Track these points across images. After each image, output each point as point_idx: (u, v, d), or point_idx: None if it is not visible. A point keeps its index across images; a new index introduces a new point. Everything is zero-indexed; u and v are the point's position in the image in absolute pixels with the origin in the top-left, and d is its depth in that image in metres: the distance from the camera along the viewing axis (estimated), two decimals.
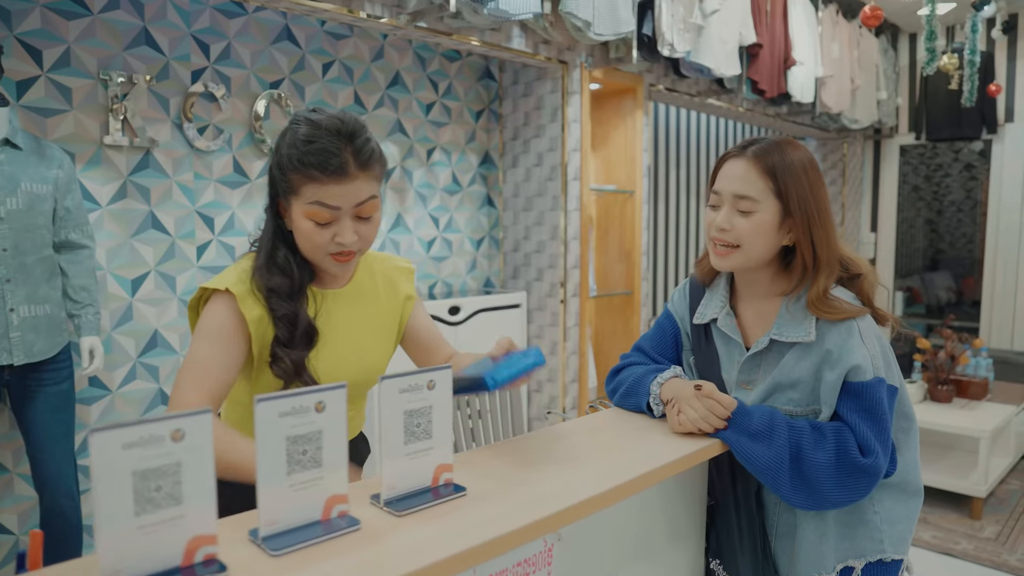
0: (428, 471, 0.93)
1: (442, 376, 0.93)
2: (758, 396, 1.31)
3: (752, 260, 1.29)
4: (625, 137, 3.85)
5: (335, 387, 0.83)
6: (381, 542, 0.82)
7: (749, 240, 1.27)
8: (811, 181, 1.27)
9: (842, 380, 1.23)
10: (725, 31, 3.70)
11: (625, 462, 1.10)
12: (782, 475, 1.18)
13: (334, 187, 1.12)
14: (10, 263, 2.08)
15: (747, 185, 1.26)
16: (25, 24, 2.33)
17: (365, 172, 1.15)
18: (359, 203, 1.15)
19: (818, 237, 1.26)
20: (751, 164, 1.27)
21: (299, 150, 1.12)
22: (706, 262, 1.43)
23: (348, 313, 1.29)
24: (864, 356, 1.22)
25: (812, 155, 1.31)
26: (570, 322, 3.56)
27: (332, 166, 1.11)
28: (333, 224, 1.15)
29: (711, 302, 1.41)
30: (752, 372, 1.33)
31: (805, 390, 1.28)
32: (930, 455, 3.86)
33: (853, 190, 5.93)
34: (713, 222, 1.31)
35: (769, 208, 1.26)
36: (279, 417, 0.79)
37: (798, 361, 1.27)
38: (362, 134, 1.15)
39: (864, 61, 5.13)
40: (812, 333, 1.25)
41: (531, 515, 0.91)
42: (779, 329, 1.29)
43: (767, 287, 1.35)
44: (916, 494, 1.35)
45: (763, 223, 1.26)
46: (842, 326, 1.24)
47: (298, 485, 0.82)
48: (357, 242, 1.17)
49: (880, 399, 1.22)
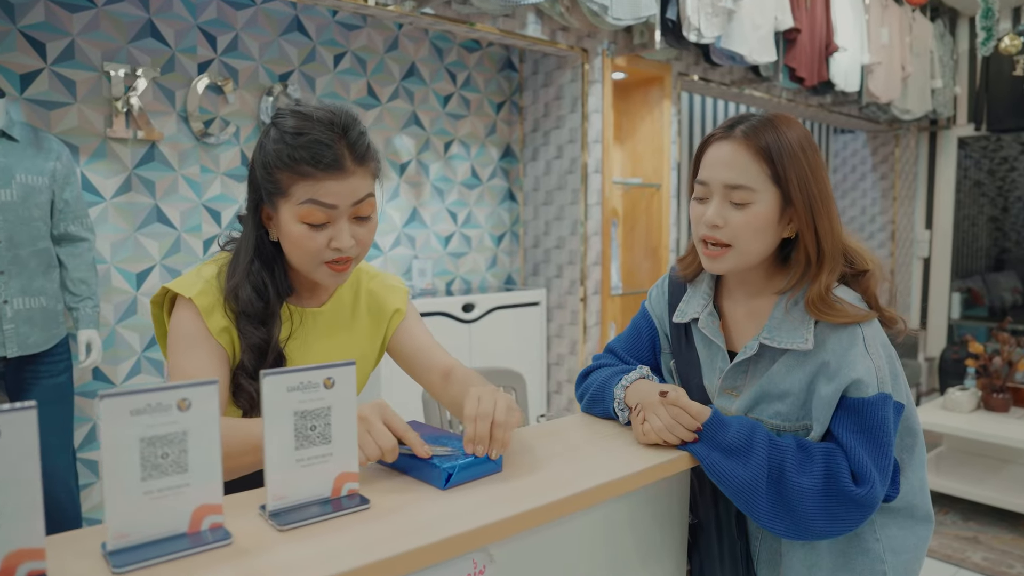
0: (327, 480, 0.83)
1: (343, 374, 0.83)
2: (743, 404, 1.16)
3: (749, 259, 1.12)
4: (652, 128, 3.69)
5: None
6: (240, 560, 0.72)
7: (745, 237, 1.10)
8: (811, 162, 1.10)
9: (839, 395, 1.06)
10: (758, 15, 3.50)
11: (569, 475, 0.98)
12: (758, 498, 1.03)
13: (330, 183, 1.01)
14: (4, 255, 2.08)
15: (739, 172, 1.09)
16: (29, 17, 2.33)
17: (362, 167, 1.04)
18: (357, 201, 1.04)
19: (822, 226, 1.09)
20: (741, 146, 1.09)
21: (288, 144, 1.01)
22: (689, 259, 1.27)
23: (324, 339, 1.19)
24: (867, 369, 1.06)
25: (807, 130, 1.13)
26: (590, 321, 3.42)
27: (327, 159, 1.00)
28: (329, 227, 1.04)
29: (693, 299, 1.25)
30: (738, 378, 1.18)
31: (795, 403, 1.11)
32: (983, 469, 3.58)
33: (906, 185, 5.60)
34: (702, 217, 1.13)
35: (767, 197, 1.09)
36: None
37: (790, 370, 1.11)
38: (357, 126, 1.05)
39: (917, 47, 4.82)
40: (810, 340, 1.08)
41: (441, 531, 0.80)
42: (771, 333, 1.12)
43: (760, 284, 1.18)
44: (925, 520, 1.17)
45: (761, 215, 1.09)
46: (844, 333, 1.08)
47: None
48: (355, 247, 1.06)
49: (883, 418, 1.05)
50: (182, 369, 1.05)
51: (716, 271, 1.16)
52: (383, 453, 0.90)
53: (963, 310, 6.17)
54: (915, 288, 5.75)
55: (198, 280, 1.09)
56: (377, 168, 1.10)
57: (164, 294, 1.12)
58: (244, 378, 1.08)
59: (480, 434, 0.93)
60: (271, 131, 1.05)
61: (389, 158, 3.27)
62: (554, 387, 3.56)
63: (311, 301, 1.19)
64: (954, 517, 3.38)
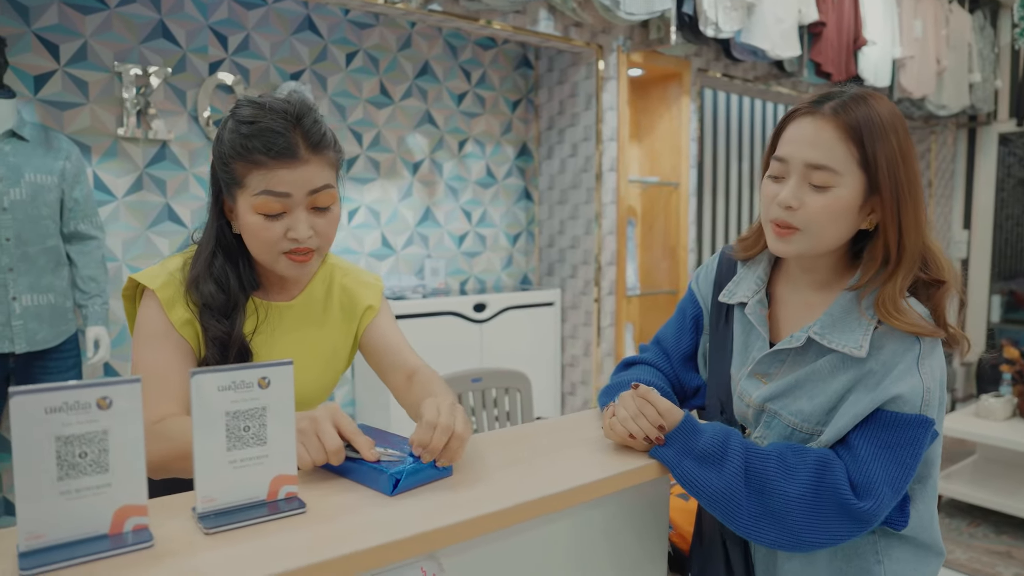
0: (262, 483, 0.81)
1: (280, 374, 0.80)
2: (769, 393, 1.07)
3: (820, 246, 1.02)
4: (670, 126, 3.62)
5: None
6: (157, 563, 0.70)
7: (820, 222, 1.00)
8: (902, 146, 0.99)
9: (873, 407, 0.97)
10: (781, 9, 3.40)
11: (526, 481, 0.94)
12: (736, 507, 0.96)
13: (283, 172, 1.00)
14: (13, 252, 2.12)
15: (824, 152, 0.98)
16: (43, 19, 2.37)
17: (317, 156, 1.03)
18: (312, 190, 1.03)
19: (907, 220, 0.99)
20: (829, 124, 0.98)
21: (242, 134, 1.00)
22: (751, 241, 1.17)
23: (292, 333, 1.17)
24: (914, 387, 0.96)
25: (900, 111, 1.02)
26: (605, 322, 3.36)
27: (279, 147, 0.99)
28: (285, 216, 1.03)
29: (744, 280, 1.15)
30: (774, 365, 1.09)
31: (822, 407, 1.02)
32: (1018, 480, 3.42)
33: (943, 183, 5.40)
34: (776, 197, 1.03)
35: (851, 182, 0.99)
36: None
37: (834, 371, 1.02)
38: (311, 115, 1.04)
39: (954, 40, 4.64)
40: (864, 347, 0.98)
41: (382, 536, 0.77)
42: (823, 329, 1.02)
43: (825, 276, 1.08)
44: (936, 553, 1.08)
45: (842, 201, 0.99)
46: (901, 345, 0.98)
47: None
48: (314, 238, 1.05)
49: (914, 440, 0.96)
50: (144, 364, 1.04)
51: (783, 254, 1.05)
52: (328, 455, 0.87)
53: (1004, 313, 5.93)
54: None
55: (162, 272, 1.09)
56: (337, 159, 1.08)
57: (134, 286, 1.12)
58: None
59: (435, 445, 0.90)
60: (228, 122, 1.04)
61: (402, 157, 3.26)
62: (568, 388, 3.51)
63: (280, 295, 1.17)
64: (986, 530, 3.24)
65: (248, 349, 1.10)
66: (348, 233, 3.11)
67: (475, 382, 2.36)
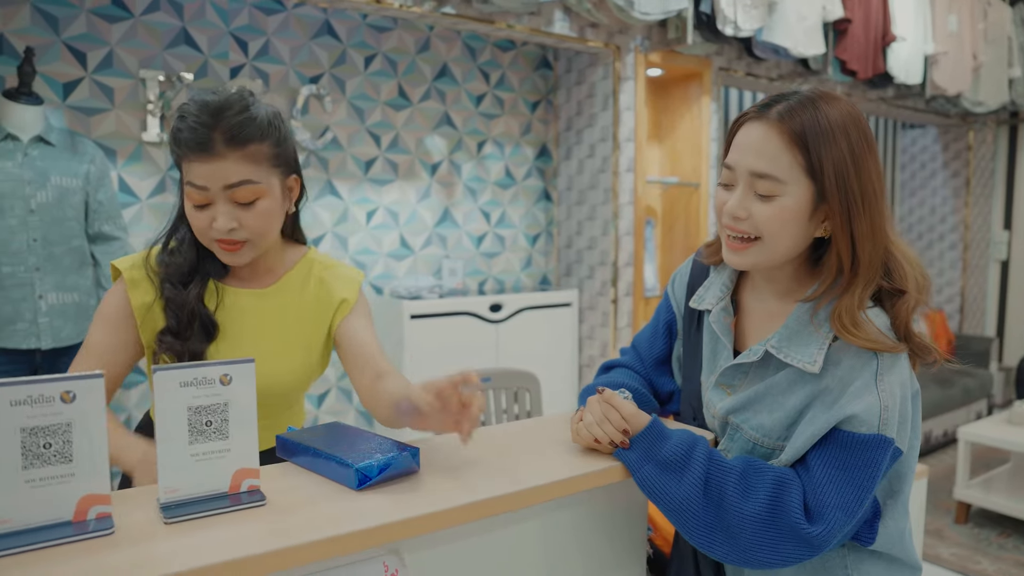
0: (224, 476, 0.84)
1: (242, 371, 0.83)
2: (733, 404, 1.06)
3: (776, 256, 1.00)
4: (691, 126, 3.59)
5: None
6: (114, 549, 0.73)
7: (771, 231, 0.97)
8: (855, 150, 0.94)
9: (829, 427, 0.95)
10: (804, 6, 3.35)
11: (493, 479, 0.95)
12: (692, 518, 0.95)
13: (199, 166, 1.07)
14: (40, 252, 2.21)
15: (768, 161, 0.95)
16: (71, 29, 2.47)
17: (235, 151, 1.07)
18: (228, 185, 1.07)
19: (860, 230, 0.95)
20: (774, 130, 0.95)
21: (175, 127, 1.09)
22: (716, 247, 1.14)
23: (262, 314, 1.21)
24: (870, 406, 0.93)
25: (858, 111, 0.98)
26: (622, 323, 3.35)
27: (193, 142, 1.05)
28: (210, 208, 1.09)
29: (712, 286, 1.14)
30: (737, 377, 1.08)
31: (781, 422, 1.00)
32: None
33: (981, 183, 5.23)
34: (724, 206, 1.01)
35: (797, 191, 0.95)
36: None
37: (791, 385, 1.00)
38: (234, 108, 1.07)
39: (993, 34, 4.50)
40: (818, 363, 0.96)
41: (340, 527, 0.79)
42: (779, 343, 1.00)
43: (786, 285, 1.06)
44: (911, 568, 1.06)
45: (787, 211, 0.96)
46: (858, 360, 0.95)
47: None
48: (240, 231, 1.10)
49: (871, 461, 0.93)
50: (87, 342, 1.15)
51: (738, 267, 1.04)
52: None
53: None
54: (991, 292, 5.37)
55: (136, 257, 1.18)
56: (269, 153, 1.11)
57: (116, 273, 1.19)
58: (164, 336, 1.14)
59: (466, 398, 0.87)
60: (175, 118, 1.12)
61: (420, 158, 3.30)
62: None
63: (252, 283, 1.22)
64: (1016, 541, 3.13)
65: (211, 319, 1.16)
66: (367, 234, 3.16)
67: (484, 382, 2.38)
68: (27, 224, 2.17)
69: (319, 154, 3.01)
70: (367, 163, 3.15)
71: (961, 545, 3.09)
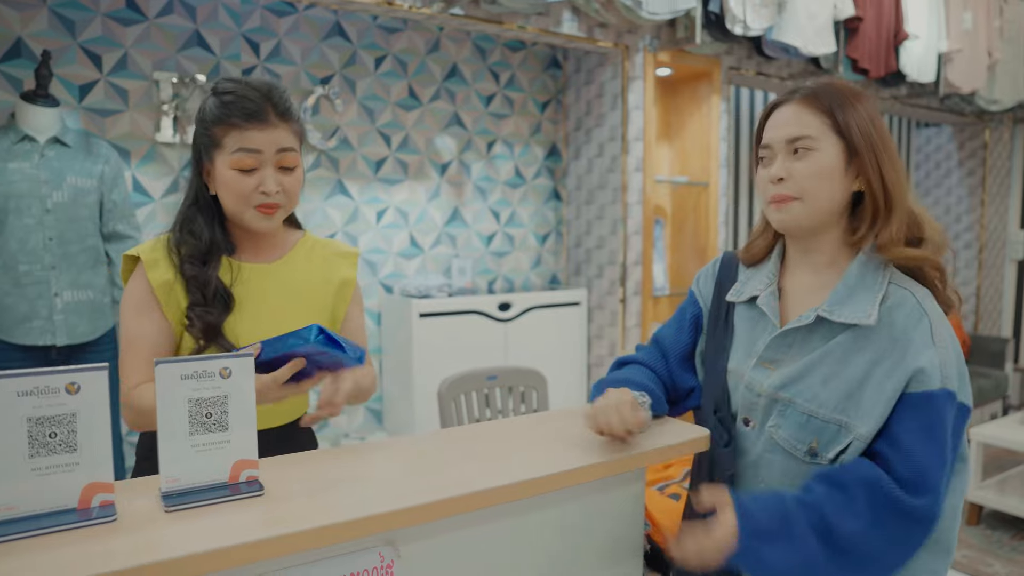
0: (224, 466, 0.87)
1: (241, 365, 0.85)
2: (779, 380, 1.08)
3: (816, 212, 1.08)
4: (700, 126, 3.58)
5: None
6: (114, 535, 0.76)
7: (811, 186, 1.06)
8: (872, 115, 1.09)
9: (901, 388, 0.98)
10: (814, 4, 3.33)
11: (489, 473, 0.97)
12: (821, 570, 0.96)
13: (255, 133, 1.17)
14: (56, 251, 2.26)
15: (800, 126, 1.08)
16: (87, 32, 2.52)
17: (284, 122, 1.20)
18: (280, 149, 1.19)
19: (889, 176, 1.06)
20: (801, 105, 1.10)
21: (223, 102, 1.19)
22: (758, 243, 1.22)
23: (273, 285, 1.28)
24: (931, 359, 0.98)
25: (869, 93, 1.13)
26: (630, 322, 3.36)
27: (251, 110, 1.17)
28: (256, 172, 1.19)
29: (755, 278, 1.20)
30: (781, 350, 1.10)
31: (839, 392, 1.03)
32: None
33: (997, 182, 5.18)
34: (766, 177, 1.11)
35: (830, 147, 1.07)
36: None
37: (846, 353, 1.03)
38: (279, 89, 1.22)
39: (1009, 31, 4.45)
40: (873, 315, 1.01)
41: (333, 516, 0.82)
42: (831, 306, 1.06)
43: (830, 255, 1.12)
44: (944, 553, 1.05)
45: (825, 164, 1.07)
46: (910, 319, 1.01)
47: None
48: (281, 194, 1.21)
49: (943, 419, 0.96)
50: (126, 333, 1.20)
51: (783, 224, 1.11)
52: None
53: None
54: (1008, 292, 5.31)
55: (151, 242, 1.24)
56: (300, 131, 1.25)
57: (131, 264, 1.24)
58: (193, 310, 1.20)
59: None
60: (210, 97, 1.22)
61: (430, 158, 3.33)
62: None
63: (258, 258, 1.29)
64: None
65: (228, 291, 1.22)
66: (377, 233, 3.19)
67: (490, 380, 2.40)
68: (43, 223, 2.22)
69: (330, 154, 3.04)
70: (377, 163, 3.18)
71: (973, 547, 3.07)
